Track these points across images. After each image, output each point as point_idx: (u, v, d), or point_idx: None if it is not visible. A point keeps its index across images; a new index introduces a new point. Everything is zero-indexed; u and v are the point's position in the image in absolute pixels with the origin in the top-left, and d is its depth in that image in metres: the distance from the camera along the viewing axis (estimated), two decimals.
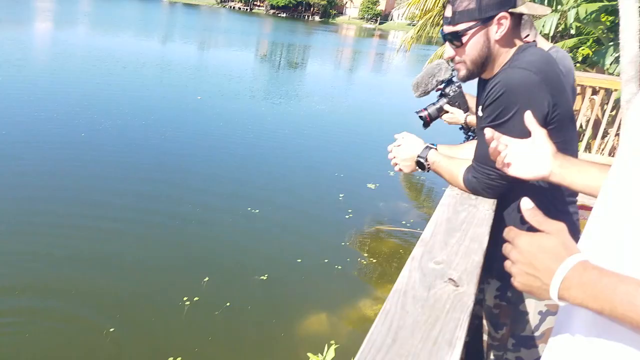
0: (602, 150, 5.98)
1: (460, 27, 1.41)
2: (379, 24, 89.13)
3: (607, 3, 6.54)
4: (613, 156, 5.66)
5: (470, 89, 2.14)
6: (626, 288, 0.66)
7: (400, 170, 1.78)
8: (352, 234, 6.01)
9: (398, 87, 19.82)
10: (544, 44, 2.48)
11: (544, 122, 1.34)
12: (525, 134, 1.26)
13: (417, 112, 2.44)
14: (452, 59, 1.51)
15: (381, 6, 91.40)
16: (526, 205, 0.80)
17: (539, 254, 0.76)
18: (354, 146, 10.20)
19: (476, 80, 1.56)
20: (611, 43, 6.62)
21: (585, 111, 5.72)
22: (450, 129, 2.85)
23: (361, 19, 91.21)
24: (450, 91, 2.39)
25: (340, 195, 7.10)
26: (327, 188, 7.43)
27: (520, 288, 0.80)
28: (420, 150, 1.68)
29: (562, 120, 1.39)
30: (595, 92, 5.37)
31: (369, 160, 9.12)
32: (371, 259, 5.47)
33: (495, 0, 1.37)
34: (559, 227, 0.78)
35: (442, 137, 2.35)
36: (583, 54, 6.94)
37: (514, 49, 1.44)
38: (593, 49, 6.92)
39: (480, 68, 1.47)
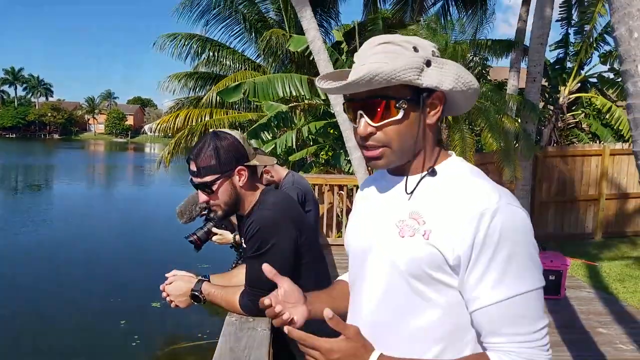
0: None
1: (207, 179, 1.65)
2: (131, 137, 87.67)
3: (330, 121, 8.37)
4: None
5: None
6: None
7: (177, 306, 1.80)
8: None
9: (168, 198, 19.78)
10: (282, 171, 3.09)
11: (296, 245, 1.71)
12: (284, 260, 1.63)
13: (187, 238, 2.56)
14: (207, 203, 1.74)
15: (129, 121, 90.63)
16: (328, 314, 0.90)
17: (343, 357, 0.91)
18: (126, 265, 9.69)
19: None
20: (342, 150, 8.41)
21: (338, 204, 7.07)
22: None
23: (109, 133, 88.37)
24: (215, 215, 2.68)
25: (122, 322, 6.67)
26: (103, 318, 6.84)
27: None
28: (193, 284, 1.76)
29: (309, 238, 1.81)
30: (341, 188, 6.75)
31: (149, 276, 8.83)
32: None
33: (231, 158, 1.65)
34: (355, 330, 0.94)
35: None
36: (324, 158, 8.59)
37: (259, 191, 1.77)
38: (330, 153, 8.64)
39: (232, 208, 1.74)
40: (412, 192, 1.00)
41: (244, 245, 1.76)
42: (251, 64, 11.66)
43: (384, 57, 0.95)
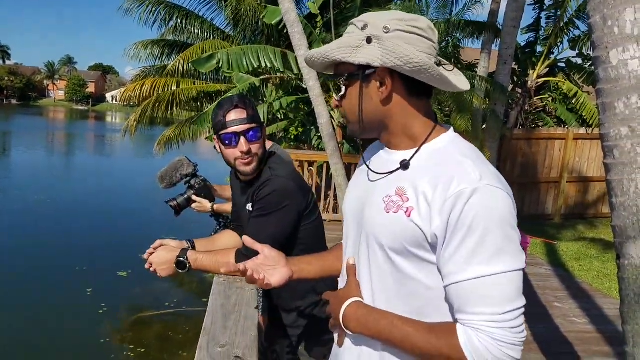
0: (327, 209, 7.43)
1: (255, 125, 1.81)
2: (92, 105, 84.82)
3: (302, 96, 8.31)
4: (336, 213, 7.11)
5: None
6: (385, 322, 0.99)
7: (160, 275, 1.80)
8: (111, 329, 5.74)
9: (132, 168, 19.38)
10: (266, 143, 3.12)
11: (301, 211, 1.81)
12: (286, 224, 1.72)
13: (167, 202, 2.63)
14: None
15: (90, 88, 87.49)
16: (350, 261, 1.12)
17: (336, 301, 1.10)
18: (93, 235, 9.58)
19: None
20: (312, 127, 8.37)
21: (308, 180, 7.09)
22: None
23: (69, 101, 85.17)
24: (196, 184, 2.66)
25: (88, 290, 6.66)
26: (70, 285, 6.84)
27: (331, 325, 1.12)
28: (178, 252, 1.76)
29: (314, 205, 1.92)
30: (310, 164, 6.75)
31: (116, 247, 8.74)
32: (139, 349, 5.33)
33: (258, 114, 1.82)
34: (350, 281, 1.10)
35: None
36: (294, 134, 8.54)
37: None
38: (300, 130, 8.60)
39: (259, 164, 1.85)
40: (389, 173, 1.05)
41: (250, 209, 1.80)
42: (220, 34, 11.37)
43: (343, 37, 1.04)
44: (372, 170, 1.10)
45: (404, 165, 1.02)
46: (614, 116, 1.84)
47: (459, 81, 1.05)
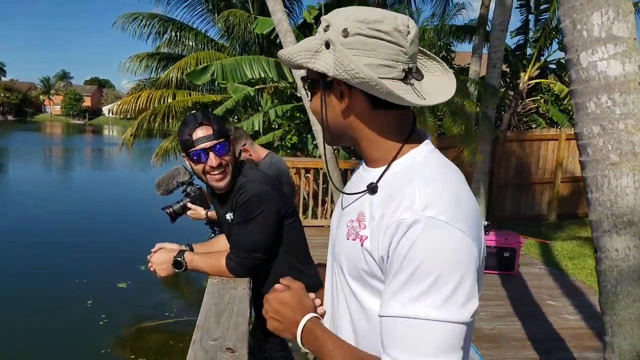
0: (325, 215, 7.52)
1: (222, 140, 1.84)
2: (89, 119, 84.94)
3: (297, 104, 8.41)
4: None
5: None
6: (327, 346, 0.94)
7: (159, 275, 1.95)
8: (112, 340, 5.79)
9: (130, 181, 19.43)
10: (261, 151, 3.21)
11: (280, 216, 1.88)
12: (267, 228, 1.78)
13: (163, 209, 2.74)
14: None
15: (87, 102, 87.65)
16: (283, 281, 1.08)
17: (281, 306, 1.02)
18: (92, 247, 9.63)
19: None
20: (308, 134, 8.47)
21: (304, 187, 7.17)
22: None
23: (66, 115, 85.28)
24: (192, 192, 2.78)
25: (88, 302, 6.71)
26: (70, 297, 6.87)
27: (270, 329, 1.04)
28: (176, 252, 1.91)
29: (293, 208, 2.01)
30: (307, 171, 6.84)
31: (115, 259, 8.79)
32: (140, 359, 5.40)
33: (225, 129, 1.86)
34: (297, 286, 1.05)
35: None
36: (290, 142, 8.62)
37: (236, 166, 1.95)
38: (297, 138, 8.69)
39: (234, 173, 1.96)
40: (353, 202, 0.98)
41: (229, 218, 1.87)
42: (214, 45, 11.49)
43: (309, 37, 0.94)
44: (344, 193, 1.03)
45: (371, 189, 0.92)
46: (586, 115, 1.93)
47: (416, 98, 0.90)
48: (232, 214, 1.87)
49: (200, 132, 1.78)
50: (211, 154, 1.79)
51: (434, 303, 0.77)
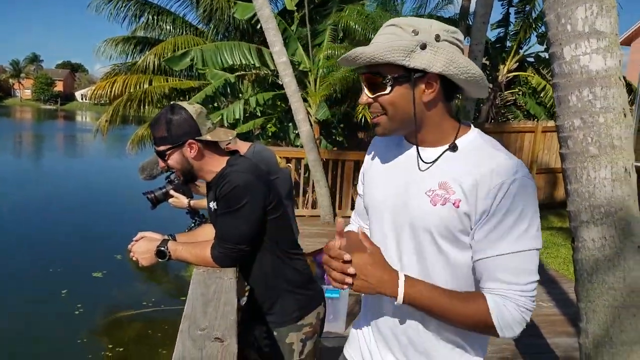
0: (306, 205, 7.51)
1: (160, 148, 1.81)
2: (61, 104, 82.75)
3: (278, 92, 8.35)
4: (315, 208, 7.20)
5: None
6: (439, 293, 1.08)
7: (141, 264, 1.89)
8: (88, 330, 5.71)
9: (105, 169, 19.07)
10: (243, 145, 3.19)
11: (266, 204, 1.85)
12: (252, 219, 1.77)
13: (145, 194, 2.68)
14: (164, 168, 1.94)
15: (58, 87, 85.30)
16: (364, 242, 1.14)
17: (367, 266, 1.08)
18: (66, 236, 9.46)
19: None
20: (290, 123, 8.42)
21: None
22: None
23: (37, 100, 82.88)
24: (175, 179, 2.70)
25: (63, 291, 6.61)
26: (44, 287, 6.79)
27: (355, 289, 1.10)
28: (159, 242, 1.87)
29: (279, 199, 1.96)
30: (289, 160, 6.81)
31: (90, 248, 8.66)
32: (117, 349, 5.33)
33: (182, 132, 1.78)
34: (376, 249, 1.12)
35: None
36: (271, 130, 8.56)
37: (223, 159, 1.91)
38: (278, 126, 8.63)
39: (188, 175, 1.88)
40: (434, 161, 1.15)
41: (213, 207, 1.85)
42: (193, 30, 11.29)
43: (384, 38, 1.09)
44: (422, 161, 1.17)
45: (452, 147, 1.14)
46: (568, 109, 1.97)
47: (486, 90, 1.19)
48: (215, 203, 1.85)
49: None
50: (159, 160, 1.88)
51: (532, 237, 1.06)
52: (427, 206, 1.12)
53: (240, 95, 8.70)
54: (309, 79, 7.99)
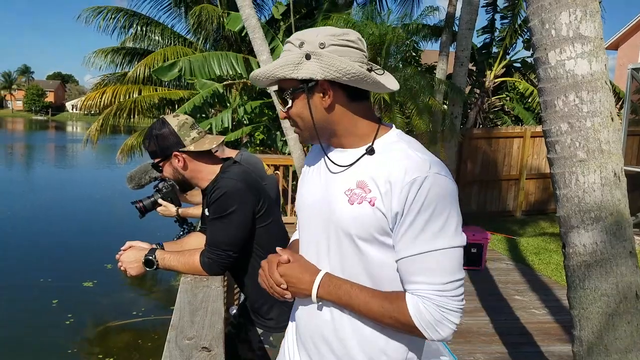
0: (294, 212, 7.43)
1: (155, 161, 1.93)
2: (52, 115, 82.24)
3: (266, 100, 8.34)
4: None
5: None
6: (352, 289, 1.12)
7: (129, 274, 1.92)
8: (79, 339, 5.65)
9: (95, 179, 18.91)
10: (230, 152, 3.17)
11: (254, 212, 1.87)
12: (241, 225, 1.79)
13: (133, 203, 2.67)
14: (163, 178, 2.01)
15: (49, 98, 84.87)
16: (277, 249, 1.24)
17: (290, 272, 1.18)
18: (56, 246, 9.37)
19: None
20: (277, 131, 8.40)
21: None
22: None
23: (28, 111, 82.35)
24: (164, 187, 2.71)
25: (54, 301, 6.54)
26: (34, 298, 6.71)
27: (293, 296, 1.20)
28: (147, 251, 1.89)
29: (268, 205, 1.97)
30: (277, 168, 6.77)
31: (80, 258, 8.56)
32: (107, 359, 5.26)
33: (166, 145, 1.86)
34: (299, 257, 1.23)
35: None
36: (259, 138, 8.53)
37: (216, 167, 1.95)
38: (266, 134, 8.60)
39: (182, 184, 1.97)
40: (351, 165, 1.16)
41: (207, 213, 1.89)
42: (182, 40, 11.28)
43: (282, 55, 1.15)
44: (335, 164, 1.19)
45: (370, 150, 1.15)
46: (554, 113, 1.95)
47: (389, 82, 1.18)
48: (207, 209, 1.88)
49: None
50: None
51: (449, 235, 1.05)
52: (345, 205, 1.13)
53: (229, 104, 8.68)
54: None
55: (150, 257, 1.87)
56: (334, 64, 1.08)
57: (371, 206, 1.08)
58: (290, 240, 1.48)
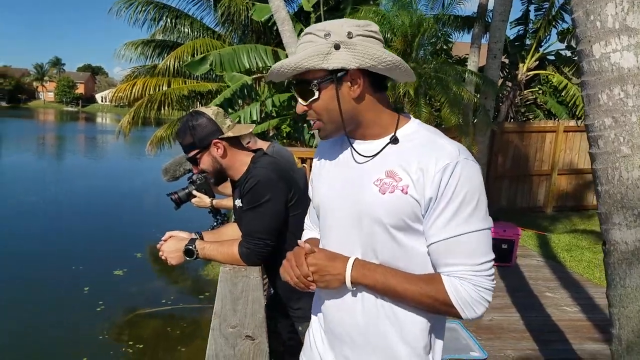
0: None
1: (190, 154, 1.92)
2: (82, 106, 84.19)
3: (294, 93, 8.33)
4: None
5: None
6: (386, 273, 1.12)
7: (170, 263, 1.95)
8: (109, 326, 5.80)
9: (126, 169, 19.32)
10: (262, 143, 3.20)
11: (287, 202, 1.89)
12: (275, 214, 1.81)
13: (169, 194, 2.71)
14: (200, 172, 2.04)
15: (80, 89, 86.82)
16: (300, 243, 1.22)
17: (327, 262, 1.16)
18: (88, 235, 9.62)
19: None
20: (304, 124, 8.40)
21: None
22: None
23: (59, 102, 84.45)
24: (197, 179, 2.73)
25: (85, 288, 6.72)
26: (67, 285, 6.91)
27: (323, 286, 1.17)
28: (187, 241, 1.93)
29: (299, 196, 1.98)
30: (303, 161, 6.78)
31: (111, 246, 8.77)
32: (137, 345, 5.39)
33: (204, 134, 1.87)
34: (322, 248, 1.23)
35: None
36: (286, 131, 8.56)
37: (248, 157, 1.98)
38: (292, 127, 8.62)
39: (220, 175, 1.97)
40: (376, 154, 1.16)
41: (239, 204, 1.91)
42: (210, 33, 11.37)
43: (302, 47, 1.13)
44: (360, 154, 1.19)
45: (393, 139, 1.16)
46: (598, 107, 1.90)
47: (410, 72, 1.19)
48: (240, 200, 1.90)
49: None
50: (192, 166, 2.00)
51: (479, 218, 1.08)
52: (377, 196, 1.13)
53: (257, 97, 8.73)
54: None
55: (191, 247, 1.90)
56: (369, 52, 1.09)
57: (404, 194, 1.09)
58: (303, 239, 1.46)
